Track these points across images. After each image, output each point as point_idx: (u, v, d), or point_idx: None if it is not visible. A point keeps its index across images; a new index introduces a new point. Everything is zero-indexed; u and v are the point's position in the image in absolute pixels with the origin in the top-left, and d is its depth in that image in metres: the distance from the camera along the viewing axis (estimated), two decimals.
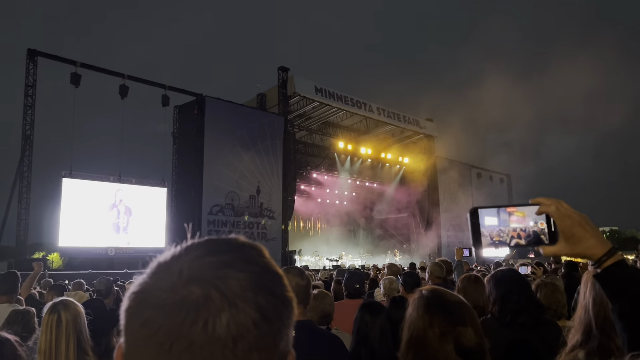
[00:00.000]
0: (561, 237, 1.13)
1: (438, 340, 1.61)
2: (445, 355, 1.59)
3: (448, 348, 1.60)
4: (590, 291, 1.65)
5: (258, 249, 0.61)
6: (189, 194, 21.83)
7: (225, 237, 0.61)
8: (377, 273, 9.77)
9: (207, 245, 0.58)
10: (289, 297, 0.59)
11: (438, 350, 1.61)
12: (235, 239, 0.61)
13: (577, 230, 1.11)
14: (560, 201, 1.14)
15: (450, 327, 1.62)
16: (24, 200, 18.29)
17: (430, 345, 1.62)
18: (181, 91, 22.63)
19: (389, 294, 4.55)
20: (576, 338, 1.62)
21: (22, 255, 18.14)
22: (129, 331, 0.55)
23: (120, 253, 20.05)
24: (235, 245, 0.59)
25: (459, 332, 1.61)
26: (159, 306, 0.52)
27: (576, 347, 1.60)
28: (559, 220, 1.12)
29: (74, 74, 19.49)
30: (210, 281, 0.53)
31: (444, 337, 1.61)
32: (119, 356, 0.57)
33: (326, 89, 27.20)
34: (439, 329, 1.62)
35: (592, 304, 1.61)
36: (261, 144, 23.72)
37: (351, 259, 29.44)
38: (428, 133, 33.71)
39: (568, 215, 1.12)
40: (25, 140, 18.64)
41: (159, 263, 0.57)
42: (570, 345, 1.62)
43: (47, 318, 2.25)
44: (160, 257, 0.58)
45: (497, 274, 2.72)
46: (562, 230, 1.12)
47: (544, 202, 1.15)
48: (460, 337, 1.60)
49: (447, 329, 1.62)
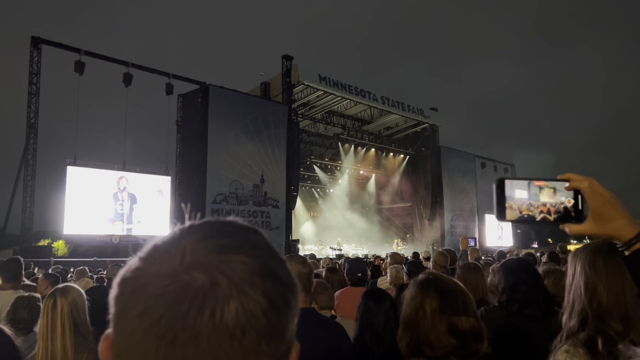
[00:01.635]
0: (590, 216, 1.07)
1: (429, 320, 1.62)
2: (436, 335, 1.60)
3: (440, 328, 1.60)
4: (580, 274, 1.61)
5: (260, 233, 0.57)
6: (193, 183, 21.87)
7: (225, 220, 0.57)
8: (380, 262, 9.79)
9: (208, 228, 0.54)
10: (295, 283, 0.55)
11: (429, 330, 1.61)
12: (236, 222, 0.57)
13: (608, 210, 1.05)
14: (591, 178, 1.08)
15: (441, 306, 1.63)
16: (28, 188, 18.37)
17: (422, 325, 1.63)
18: (185, 79, 22.60)
19: (396, 282, 4.55)
20: (572, 323, 1.60)
21: (27, 243, 18.27)
22: (122, 322, 0.50)
23: (125, 241, 20.14)
24: (237, 228, 0.56)
25: (451, 312, 1.61)
26: (159, 294, 0.47)
27: (573, 333, 1.57)
28: (590, 198, 1.06)
29: (77, 61, 19.46)
30: (215, 266, 0.49)
31: (434, 316, 1.62)
32: (105, 349, 0.53)
33: (330, 77, 27.14)
34: (430, 308, 1.63)
35: (584, 288, 1.58)
36: (265, 133, 23.70)
37: (354, 248, 29.52)
38: (432, 122, 33.64)
39: (600, 193, 1.06)
40: (29, 128, 18.67)
41: (155, 246, 0.53)
42: (567, 332, 1.60)
43: (44, 303, 2.31)
44: (156, 241, 0.54)
45: (507, 263, 2.70)
46: (592, 208, 1.06)
47: (575, 178, 1.09)
48: (453, 317, 1.60)
49: (438, 308, 1.62)
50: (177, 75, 22.08)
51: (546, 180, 1.13)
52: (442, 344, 1.58)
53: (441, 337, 1.59)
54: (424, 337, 1.61)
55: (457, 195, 33.39)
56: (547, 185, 1.12)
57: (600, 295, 1.52)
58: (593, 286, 1.54)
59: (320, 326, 2.55)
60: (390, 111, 31.13)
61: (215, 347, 0.46)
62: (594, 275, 1.55)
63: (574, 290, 1.61)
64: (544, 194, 1.12)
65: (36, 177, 18.62)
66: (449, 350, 1.58)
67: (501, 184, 1.14)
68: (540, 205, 1.12)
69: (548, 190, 1.12)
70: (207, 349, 0.46)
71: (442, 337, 1.59)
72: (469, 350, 1.59)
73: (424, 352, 1.61)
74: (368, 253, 26.06)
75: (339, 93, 27.71)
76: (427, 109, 33.57)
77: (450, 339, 1.58)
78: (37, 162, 18.65)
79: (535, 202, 1.12)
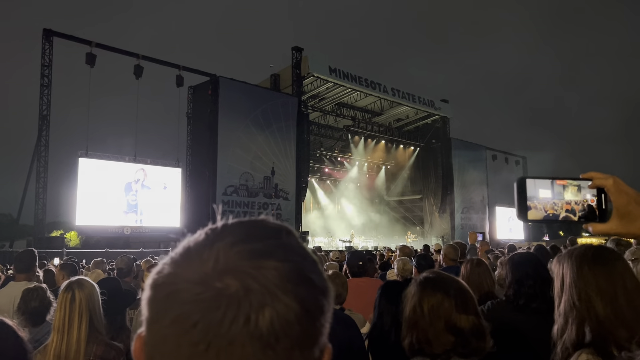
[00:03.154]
0: (615, 215, 1.03)
1: (427, 317, 1.62)
2: (435, 332, 1.60)
3: (438, 325, 1.60)
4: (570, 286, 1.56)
5: (292, 234, 0.56)
6: (203, 175, 21.97)
7: (257, 220, 0.56)
8: (390, 255, 9.79)
9: (240, 231, 0.53)
10: (328, 286, 0.54)
11: (427, 327, 1.62)
12: (268, 222, 0.56)
13: (634, 208, 1.00)
14: (615, 176, 1.04)
15: (438, 303, 1.63)
16: (41, 179, 18.58)
17: (420, 323, 1.63)
18: (195, 71, 22.67)
19: (403, 275, 4.54)
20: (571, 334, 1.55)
21: (40, 234, 18.51)
22: (156, 327, 0.49)
23: (136, 232, 20.33)
24: (270, 230, 0.54)
25: (448, 309, 1.61)
26: (192, 301, 0.47)
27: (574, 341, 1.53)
28: (614, 196, 1.02)
29: (89, 54, 19.58)
30: (247, 272, 0.48)
31: (432, 313, 1.62)
32: (138, 348, 0.52)
33: (340, 69, 27.05)
34: (427, 306, 1.64)
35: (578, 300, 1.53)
36: (275, 125, 23.72)
37: (364, 241, 29.54)
38: (443, 114, 33.44)
39: (625, 191, 1.01)
40: (42, 120, 18.86)
41: (187, 250, 0.52)
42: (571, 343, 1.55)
43: (62, 296, 2.30)
44: (189, 243, 0.53)
45: (514, 257, 2.69)
46: (617, 207, 1.02)
47: (598, 176, 1.05)
48: (450, 315, 1.60)
49: (435, 306, 1.63)
50: (187, 67, 22.15)
51: (568, 179, 1.10)
52: (440, 342, 1.59)
53: (439, 335, 1.59)
54: (423, 335, 1.62)
55: (468, 188, 33.24)
56: (571, 183, 1.09)
57: (597, 307, 1.48)
58: (586, 297, 1.50)
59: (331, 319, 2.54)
60: (401, 103, 30.98)
61: (250, 355, 0.46)
62: (584, 286, 1.52)
63: (567, 302, 1.56)
64: (568, 192, 1.09)
65: (48, 168, 18.83)
66: (449, 347, 1.58)
67: (522, 183, 1.11)
68: (563, 204, 1.09)
69: (572, 189, 1.09)
70: (240, 357, 0.46)
71: (440, 335, 1.59)
72: (469, 347, 1.58)
73: (425, 351, 1.62)
74: (378, 245, 26.05)
75: (349, 85, 27.61)
76: (438, 100, 33.37)
77: (448, 337, 1.58)
78: (49, 154, 18.85)
79: (559, 201, 1.09)
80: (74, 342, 2.22)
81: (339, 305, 3.42)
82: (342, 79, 27.14)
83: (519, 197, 1.10)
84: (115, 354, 2.34)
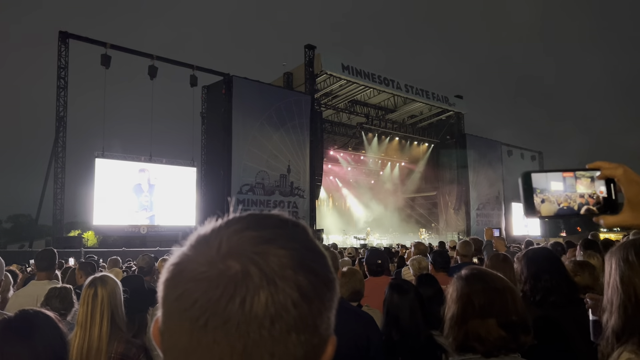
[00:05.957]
0: (626, 206, 0.99)
1: (478, 314, 1.61)
2: (486, 329, 1.59)
3: (490, 322, 1.59)
4: (615, 270, 1.57)
5: (301, 227, 0.58)
6: (218, 174, 22.08)
7: (268, 213, 0.59)
8: (404, 252, 9.77)
9: (248, 220, 0.56)
10: (332, 277, 0.56)
11: (479, 324, 1.60)
12: (278, 215, 0.59)
13: None
14: (624, 165, 1.00)
15: (490, 300, 1.61)
16: (59, 180, 18.85)
17: (471, 320, 1.62)
18: (209, 71, 22.77)
19: (419, 273, 4.52)
20: (613, 321, 1.55)
21: (58, 234, 18.77)
22: (166, 305, 0.53)
23: (152, 231, 20.53)
24: (277, 221, 0.57)
25: (500, 305, 1.60)
26: (195, 280, 0.50)
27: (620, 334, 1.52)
28: (625, 187, 0.99)
29: (104, 55, 19.77)
30: (249, 256, 0.51)
31: (483, 310, 1.61)
32: (155, 329, 0.56)
33: (353, 66, 26.97)
34: (478, 302, 1.62)
35: (620, 283, 1.54)
36: (289, 123, 23.76)
37: (378, 238, 29.46)
38: (457, 110, 33.19)
39: (636, 181, 0.98)
40: (59, 121, 19.11)
41: (198, 235, 0.56)
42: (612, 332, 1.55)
43: (85, 292, 2.34)
44: (201, 230, 0.57)
45: (529, 253, 2.68)
46: (628, 198, 0.99)
47: (606, 166, 1.01)
48: (502, 311, 1.59)
49: (487, 302, 1.61)
50: (200, 67, 22.27)
51: (575, 170, 1.06)
52: (492, 337, 1.58)
53: (492, 331, 1.58)
54: (473, 333, 1.60)
55: (483, 184, 32.95)
56: (583, 175, 1.05)
57: (637, 289, 1.48)
58: (628, 280, 1.49)
59: (348, 316, 2.55)
60: (415, 99, 30.79)
61: (244, 334, 0.48)
62: (628, 269, 1.51)
63: (612, 288, 1.56)
64: (580, 184, 1.05)
65: (66, 169, 19.08)
66: (500, 344, 1.57)
67: (527, 178, 1.07)
68: (577, 197, 1.04)
69: (585, 180, 1.05)
70: (236, 336, 0.48)
71: (492, 331, 1.58)
72: (518, 342, 1.58)
73: (474, 347, 1.61)
74: (392, 243, 25.98)
75: (362, 82, 27.52)
76: (452, 96, 33.10)
77: (500, 332, 1.57)
78: (66, 155, 19.10)
79: (572, 194, 1.05)
80: (96, 338, 2.25)
81: (356, 302, 3.42)
82: (355, 76, 27.06)
83: (525, 193, 1.07)
84: (136, 351, 2.36)
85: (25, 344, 1.71)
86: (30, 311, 1.84)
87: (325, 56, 25.98)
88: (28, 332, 1.74)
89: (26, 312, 1.82)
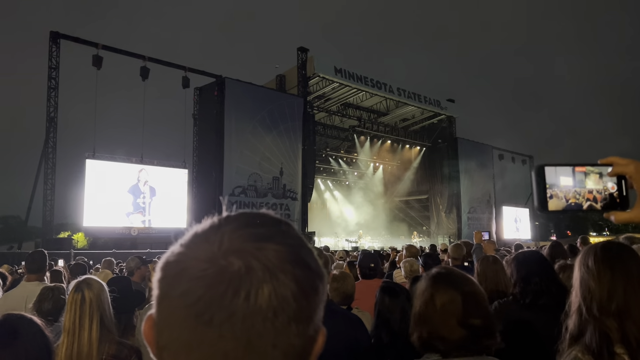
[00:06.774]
0: (637, 203, 0.98)
1: (440, 314, 1.61)
2: (448, 329, 1.59)
3: (451, 322, 1.59)
4: (577, 274, 1.61)
5: (290, 225, 0.61)
6: (210, 176, 22.02)
7: (259, 212, 0.61)
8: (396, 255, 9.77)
9: (244, 218, 0.58)
10: (323, 272, 0.59)
11: (440, 323, 1.60)
12: (269, 213, 0.61)
13: None
14: (637, 161, 0.99)
15: (452, 300, 1.62)
16: (49, 181, 18.69)
17: (433, 319, 1.62)
18: (201, 73, 22.70)
19: (410, 276, 4.54)
20: (570, 323, 1.58)
21: (48, 235, 18.62)
22: (165, 302, 0.54)
23: (143, 233, 20.41)
24: (271, 219, 0.60)
25: (462, 305, 1.60)
26: (198, 277, 0.52)
27: (574, 335, 1.55)
28: (637, 183, 0.97)
29: (95, 56, 19.66)
30: (250, 252, 0.53)
31: (445, 309, 1.61)
32: (148, 327, 0.56)
33: (346, 69, 27.06)
34: (440, 301, 1.62)
35: (579, 286, 1.57)
36: (282, 126, 23.76)
37: (370, 241, 29.51)
38: (449, 114, 33.36)
39: None
40: (49, 122, 18.97)
41: (195, 234, 0.57)
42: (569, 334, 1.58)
43: (71, 297, 2.28)
44: (197, 229, 0.58)
45: (519, 256, 2.70)
46: None
47: (619, 162, 1.00)
48: (464, 311, 1.59)
49: (448, 301, 1.62)
50: (193, 69, 22.20)
51: (588, 165, 1.05)
52: (452, 337, 1.58)
53: (452, 331, 1.58)
54: (435, 331, 1.61)
55: (474, 187, 33.12)
56: (593, 171, 1.04)
57: (593, 291, 1.52)
58: (585, 284, 1.55)
59: (337, 318, 2.57)
60: (407, 103, 30.95)
61: (249, 327, 0.50)
62: (585, 273, 1.56)
63: (574, 291, 1.61)
64: (590, 180, 1.04)
65: (56, 170, 18.93)
66: (460, 344, 1.58)
67: (541, 171, 1.05)
68: (586, 193, 1.03)
69: (594, 176, 1.04)
70: (241, 329, 0.50)
71: (453, 330, 1.58)
72: (479, 345, 1.58)
73: (436, 346, 1.61)
74: (384, 246, 26.03)
75: (354, 85, 27.62)
76: (444, 100, 33.28)
77: (461, 332, 1.58)
78: (57, 156, 18.95)
79: (581, 190, 1.04)
80: (86, 342, 2.21)
81: (345, 306, 3.43)
82: (348, 79, 27.15)
83: (537, 186, 1.04)
84: (127, 352, 2.34)
85: (7, 349, 1.68)
86: (13, 316, 1.80)
87: (318, 59, 26.04)
88: (10, 337, 1.70)
89: (9, 317, 1.79)
